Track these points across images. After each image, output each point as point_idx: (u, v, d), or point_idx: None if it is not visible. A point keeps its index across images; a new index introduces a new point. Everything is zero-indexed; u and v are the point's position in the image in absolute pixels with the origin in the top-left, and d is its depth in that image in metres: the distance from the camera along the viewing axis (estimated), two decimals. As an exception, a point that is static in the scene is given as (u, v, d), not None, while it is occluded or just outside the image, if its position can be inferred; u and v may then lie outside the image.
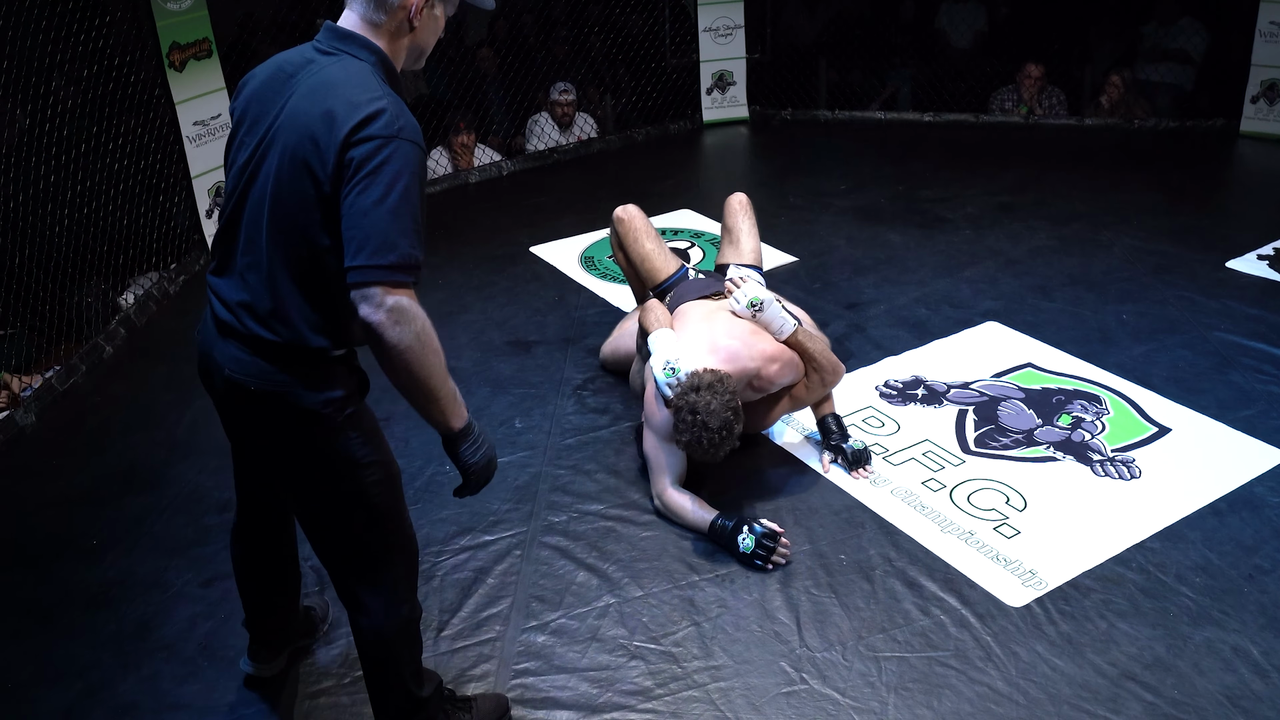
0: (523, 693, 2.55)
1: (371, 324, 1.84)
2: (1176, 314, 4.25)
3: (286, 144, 1.89)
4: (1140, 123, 6.80)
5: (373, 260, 1.82)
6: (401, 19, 1.96)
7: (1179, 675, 2.50)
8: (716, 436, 2.90)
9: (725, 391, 2.93)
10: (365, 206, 1.82)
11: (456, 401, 1.99)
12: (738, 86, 7.44)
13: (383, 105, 1.84)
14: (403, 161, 1.83)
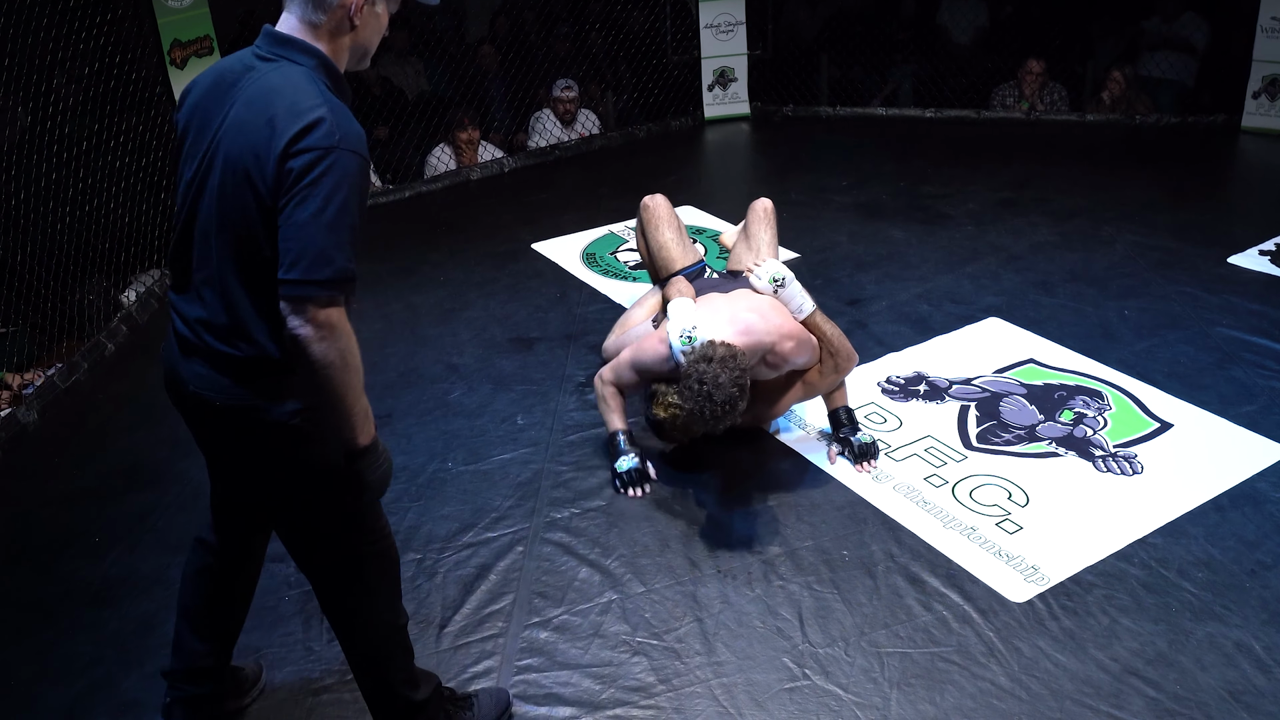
0: (525, 689, 2.56)
1: (298, 337, 1.81)
2: (1178, 309, 4.25)
3: (229, 155, 1.86)
4: (1142, 118, 6.79)
5: (308, 275, 1.79)
6: (341, 18, 1.93)
7: (1181, 670, 2.50)
8: (720, 409, 2.92)
9: (736, 367, 2.94)
10: (302, 220, 1.79)
11: (367, 419, 1.96)
12: (739, 83, 7.44)
13: (322, 114, 1.81)
14: (341, 173, 1.81)
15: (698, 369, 2.94)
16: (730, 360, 2.95)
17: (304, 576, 2.97)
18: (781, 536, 3.04)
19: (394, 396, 3.94)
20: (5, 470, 3.68)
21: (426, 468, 3.48)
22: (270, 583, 2.97)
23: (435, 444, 3.62)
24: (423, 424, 3.75)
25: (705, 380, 2.91)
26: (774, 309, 3.24)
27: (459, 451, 3.56)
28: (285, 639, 2.77)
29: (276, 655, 2.71)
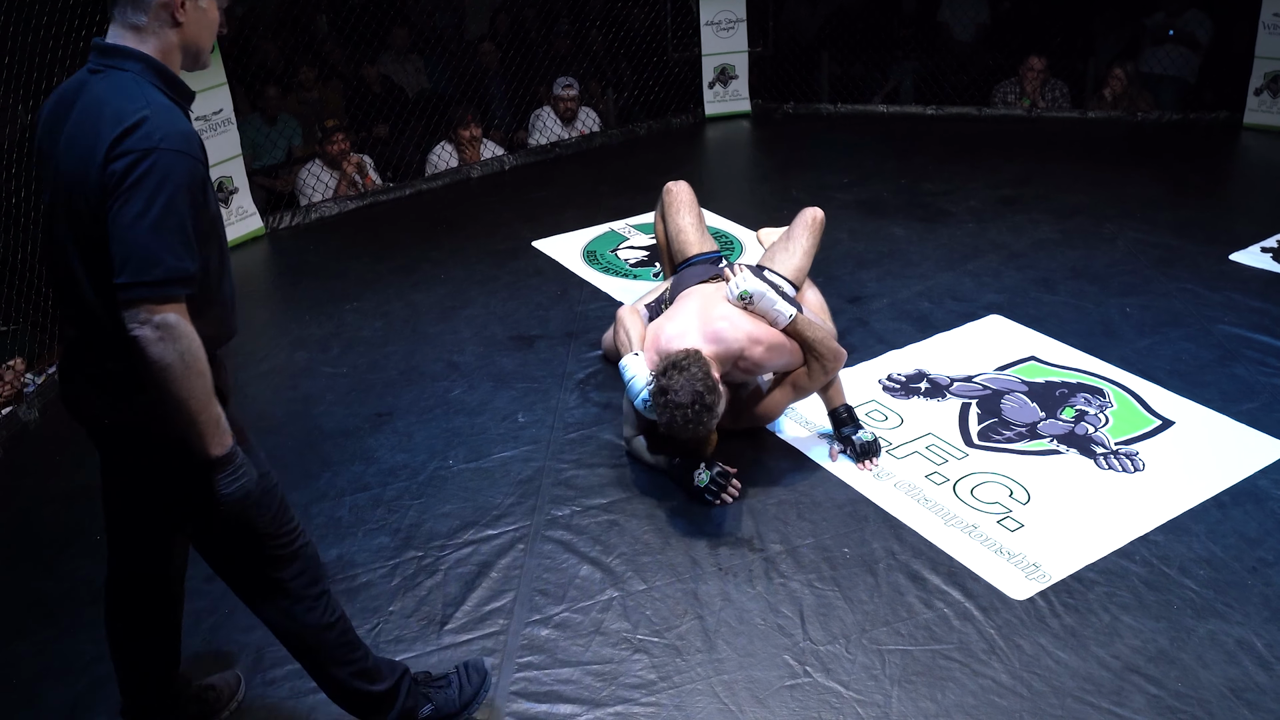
0: (526, 686, 2.56)
1: (136, 339, 1.79)
2: (1180, 307, 4.24)
3: (68, 174, 1.86)
4: (1143, 115, 6.78)
5: (137, 277, 1.78)
6: (163, 17, 1.90)
7: (1182, 668, 2.50)
8: (689, 412, 2.96)
9: (693, 366, 3.00)
10: (126, 222, 1.78)
11: (219, 429, 1.91)
12: (740, 80, 7.43)
13: (144, 115, 1.80)
14: (164, 173, 1.79)
15: (661, 383, 3.00)
16: (685, 361, 3.01)
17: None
18: (782, 534, 3.04)
19: (395, 395, 3.94)
20: (6, 468, 3.68)
21: (427, 465, 3.48)
22: (271, 581, 2.97)
23: (436, 442, 3.62)
24: (423, 422, 3.75)
25: (667, 390, 2.97)
26: (747, 314, 3.25)
27: (460, 449, 3.56)
28: (286, 637, 2.76)
29: (278, 653, 2.70)
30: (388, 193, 6.16)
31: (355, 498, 3.34)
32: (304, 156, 6.33)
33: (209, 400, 1.89)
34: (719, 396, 3.04)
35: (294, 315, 4.74)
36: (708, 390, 2.98)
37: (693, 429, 3.00)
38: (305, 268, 5.30)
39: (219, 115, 5.36)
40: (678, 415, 2.97)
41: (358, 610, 2.83)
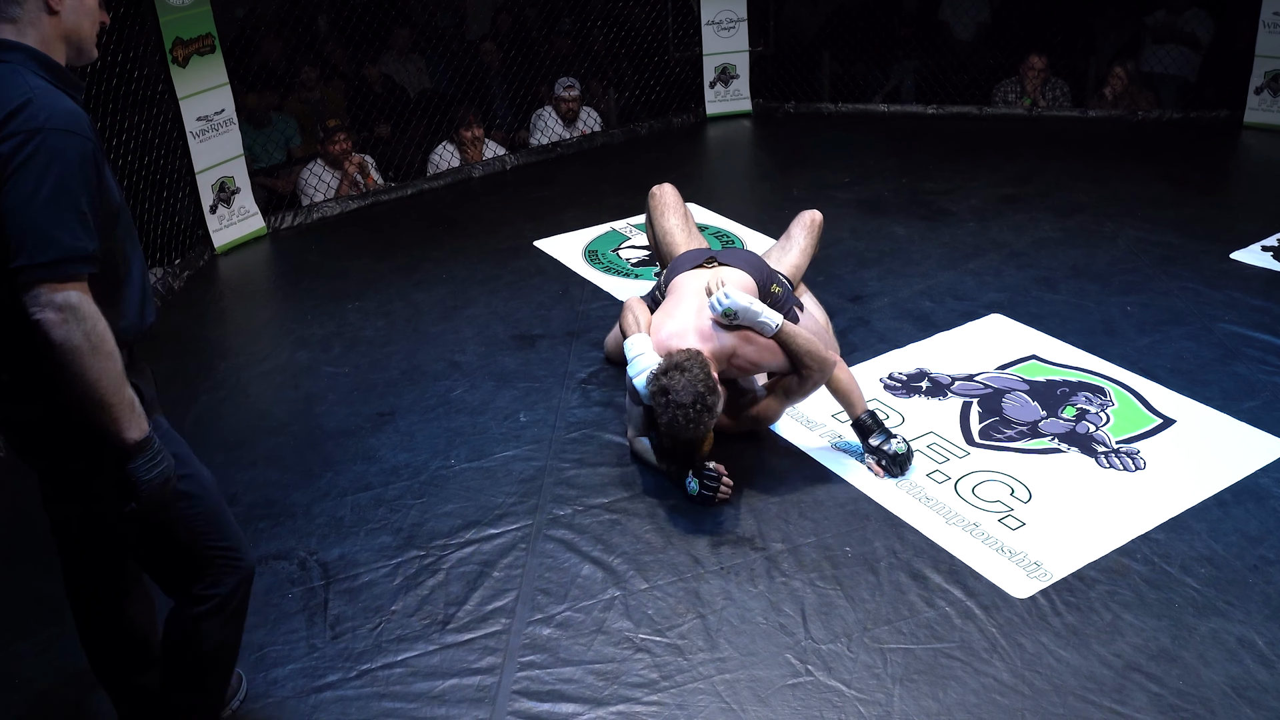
0: (528, 685, 2.56)
1: (39, 323, 1.76)
2: (1181, 305, 4.25)
3: None
4: (1144, 114, 6.79)
5: (33, 259, 1.75)
6: (39, 6, 1.88)
7: (1184, 666, 2.50)
8: (691, 412, 2.98)
9: (694, 367, 3.03)
10: (17, 204, 1.76)
11: (134, 412, 1.89)
12: (741, 79, 7.43)
13: (27, 98, 1.78)
14: (52, 153, 1.77)
15: (659, 384, 3.03)
16: (688, 362, 3.05)
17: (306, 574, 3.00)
18: (784, 533, 3.04)
19: (396, 394, 3.94)
20: (11, 467, 3.68)
21: (429, 465, 3.48)
22: (273, 580, 2.98)
23: (438, 441, 3.62)
24: (425, 421, 3.75)
25: (669, 390, 3.00)
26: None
27: (461, 449, 3.56)
28: (289, 636, 2.77)
29: (280, 652, 2.72)
30: (389, 192, 6.17)
31: (357, 497, 3.34)
32: (305, 156, 6.33)
33: (121, 383, 1.86)
34: (718, 397, 3.07)
35: (296, 315, 4.75)
36: (708, 391, 3.01)
37: (693, 429, 3.02)
38: (307, 267, 5.30)
39: (221, 115, 5.36)
40: (679, 415, 2.99)
41: (360, 609, 2.84)
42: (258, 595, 2.91)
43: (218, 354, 4.49)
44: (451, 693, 2.56)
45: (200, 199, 5.36)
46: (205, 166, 5.34)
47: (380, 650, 2.70)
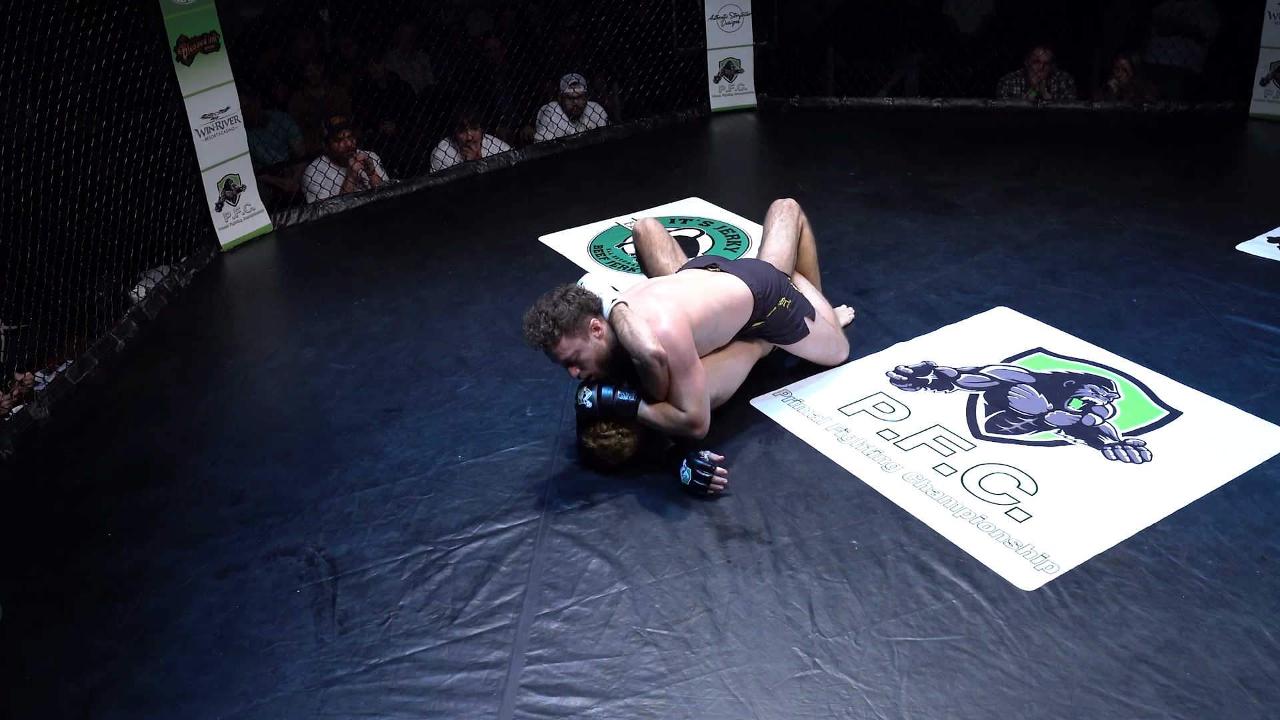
0: (536, 679, 2.57)
1: None
2: (1187, 297, 4.24)
3: None
4: (1149, 106, 6.77)
5: None
6: None
7: (1191, 657, 2.50)
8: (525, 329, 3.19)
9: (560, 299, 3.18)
10: None
11: None
12: (745, 74, 7.43)
13: None
14: None
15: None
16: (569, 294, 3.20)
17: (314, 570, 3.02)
18: (791, 526, 3.05)
19: (403, 390, 3.95)
20: (18, 466, 3.70)
21: (436, 460, 3.49)
22: (281, 576, 2.99)
23: (444, 437, 3.63)
24: (432, 417, 3.76)
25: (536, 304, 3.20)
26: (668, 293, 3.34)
27: (468, 444, 3.57)
28: (297, 631, 2.78)
29: (288, 647, 2.73)
30: (395, 189, 6.17)
31: (364, 493, 3.35)
32: (310, 154, 6.34)
33: None
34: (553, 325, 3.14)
35: (302, 312, 4.76)
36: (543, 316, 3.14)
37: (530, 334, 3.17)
38: (313, 265, 5.31)
39: (225, 113, 5.37)
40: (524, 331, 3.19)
41: (368, 605, 2.85)
42: (265, 590, 2.94)
43: (224, 351, 4.50)
44: (460, 686, 2.56)
45: (206, 197, 5.37)
46: (211, 164, 5.35)
47: (388, 645, 2.71)
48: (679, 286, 3.40)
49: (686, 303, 3.29)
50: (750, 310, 3.50)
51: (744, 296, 3.46)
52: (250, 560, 3.08)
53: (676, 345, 3.16)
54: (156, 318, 4.77)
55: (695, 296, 3.35)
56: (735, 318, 3.47)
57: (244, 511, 3.31)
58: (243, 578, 3.01)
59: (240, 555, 3.11)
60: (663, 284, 3.46)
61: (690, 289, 3.39)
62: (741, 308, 3.47)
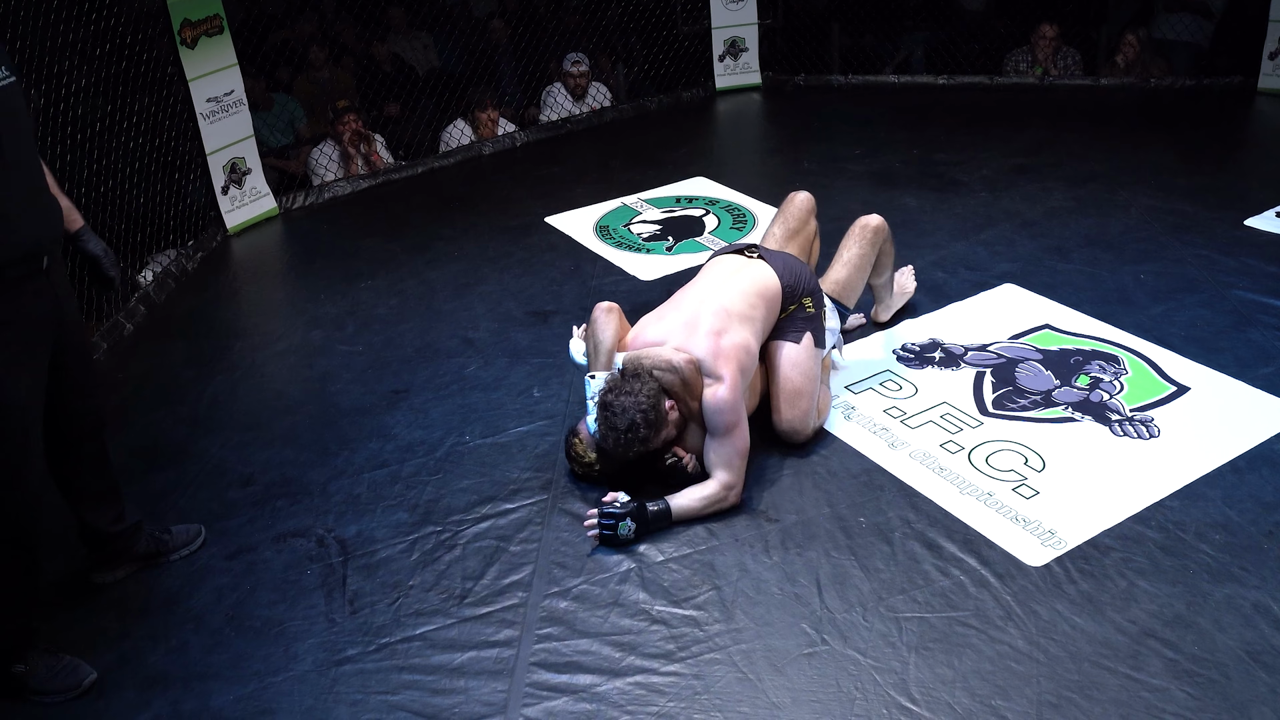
0: (546, 657, 2.58)
1: None
2: (1195, 273, 4.23)
3: None
4: (1157, 82, 6.73)
5: None
6: None
7: (1199, 632, 2.51)
8: (623, 437, 2.94)
9: (642, 388, 2.94)
10: None
11: None
12: (750, 53, 7.40)
13: None
14: None
15: (605, 398, 2.97)
16: (638, 383, 2.95)
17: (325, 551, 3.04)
18: (798, 504, 3.05)
19: (411, 371, 3.96)
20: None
21: (444, 441, 3.50)
22: (292, 557, 3.01)
23: (452, 418, 3.64)
24: (440, 398, 3.77)
25: (609, 407, 2.94)
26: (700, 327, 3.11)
27: (476, 425, 3.58)
28: (308, 611, 2.80)
29: (299, 627, 2.74)
30: (400, 171, 6.17)
31: (373, 474, 3.36)
32: (314, 137, 6.34)
33: None
34: (658, 427, 2.97)
35: (309, 294, 4.76)
36: (645, 421, 2.92)
37: (621, 452, 2.98)
38: (319, 247, 5.32)
39: (230, 96, 5.37)
40: (610, 437, 2.95)
41: (378, 585, 2.86)
42: (276, 572, 2.96)
43: (232, 334, 4.51)
44: (470, 665, 2.58)
45: (212, 180, 5.38)
46: (216, 148, 5.35)
47: (399, 624, 2.73)
48: (716, 299, 3.17)
49: (739, 344, 3.07)
50: (779, 302, 3.30)
51: (775, 289, 3.29)
52: (260, 542, 3.10)
53: (725, 409, 2.97)
54: (164, 301, 4.78)
55: (730, 305, 3.14)
56: (770, 313, 3.27)
57: (254, 494, 3.33)
58: (253, 559, 3.03)
59: (250, 537, 3.12)
60: (706, 305, 3.17)
61: (727, 299, 3.17)
62: (773, 301, 3.28)
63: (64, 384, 2.62)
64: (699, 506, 3.00)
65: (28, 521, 2.51)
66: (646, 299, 4.38)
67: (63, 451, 2.74)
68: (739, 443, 3.02)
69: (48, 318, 2.51)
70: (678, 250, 4.84)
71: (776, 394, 3.28)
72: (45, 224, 2.49)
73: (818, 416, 3.35)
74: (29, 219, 2.42)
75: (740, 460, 3.04)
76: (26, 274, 2.42)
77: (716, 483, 3.02)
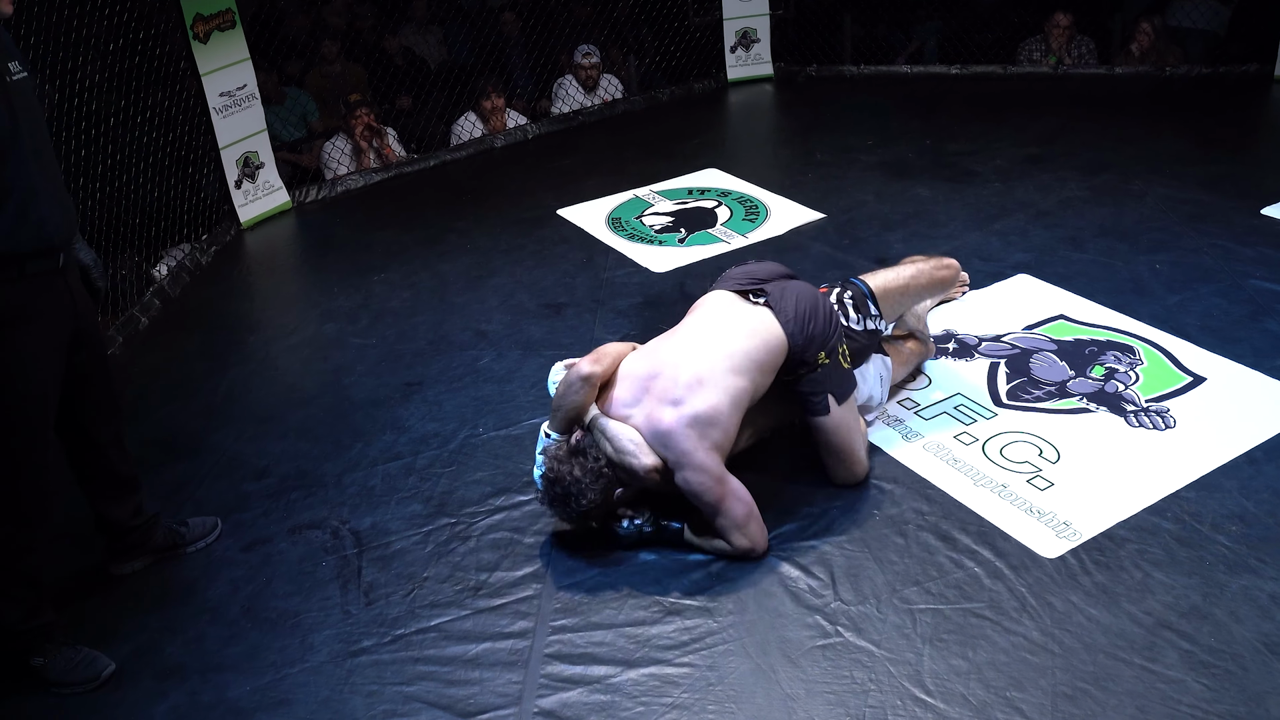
0: (560, 648, 2.59)
1: None
2: (1211, 262, 4.20)
3: None
4: (1172, 70, 6.69)
5: None
6: None
7: (1215, 623, 2.50)
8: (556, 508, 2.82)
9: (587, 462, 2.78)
10: None
11: None
12: (762, 44, 7.38)
13: None
14: None
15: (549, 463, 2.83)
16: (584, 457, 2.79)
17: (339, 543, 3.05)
18: (811, 497, 3.04)
19: (424, 364, 3.97)
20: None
21: (458, 434, 3.51)
22: (307, 549, 3.02)
23: (466, 410, 3.64)
24: (453, 391, 3.77)
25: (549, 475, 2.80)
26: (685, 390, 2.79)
27: (489, 417, 3.58)
28: (323, 603, 2.81)
29: (315, 619, 2.76)
30: (412, 164, 6.18)
31: (387, 467, 3.37)
32: (326, 130, 6.35)
33: None
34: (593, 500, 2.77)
35: (322, 288, 4.78)
36: (579, 493, 2.75)
37: (560, 516, 2.86)
38: (332, 241, 5.33)
39: (243, 91, 5.38)
40: (546, 500, 2.83)
41: (393, 576, 2.88)
42: (291, 563, 2.97)
43: (246, 328, 4.53)
44: (485, 656, 2.59)
45: (225, 175, 5.39)
46: (229, 142, 5.36)
47: (414, 616, 2.73)
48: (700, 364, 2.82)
49: (715, 409, 2.76)
50: (782, 361, 2.92)
51: (778, 348, 2.90)
52: (276, 534, 3.11)
53: (701, 490, 2.75)
54: (179, 295, 4.80)
55: (722, 381, 2.80)
56: (767, 378, 2.91)
57: (268, 486, 3.34)
58: (269, 551, 3.04)
59: (266, 529, 3.14)
60: (682, 358, 2.86)
61: (714, 357, 2.83)
62: (773, 363, 2.90)
63: (80, 378, 2.64)
64: (711, 550, 2.85)
65: (39, 508, 2.57)
66: (659, 290, 4.39)
67: (81, 445, 2.77)
68: (736, 508, 2.77)
69: (65, 313, 2.54)
70: (690, 242, 4.84)
71: (825, 461, 3.04)
72: (65, 218, 2.51)
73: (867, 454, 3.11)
74: (51, 210, 2.45)
75: (745, 521, 2.78)
76: (45, 269, 2.46)
77: (734, 549, 2.80)
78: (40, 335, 2.46)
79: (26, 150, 2.38)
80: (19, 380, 2.43)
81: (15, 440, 2.48)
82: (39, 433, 2.54)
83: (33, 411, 2.49)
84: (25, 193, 2.37)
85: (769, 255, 4.60)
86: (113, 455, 2.84)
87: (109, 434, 2.81)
